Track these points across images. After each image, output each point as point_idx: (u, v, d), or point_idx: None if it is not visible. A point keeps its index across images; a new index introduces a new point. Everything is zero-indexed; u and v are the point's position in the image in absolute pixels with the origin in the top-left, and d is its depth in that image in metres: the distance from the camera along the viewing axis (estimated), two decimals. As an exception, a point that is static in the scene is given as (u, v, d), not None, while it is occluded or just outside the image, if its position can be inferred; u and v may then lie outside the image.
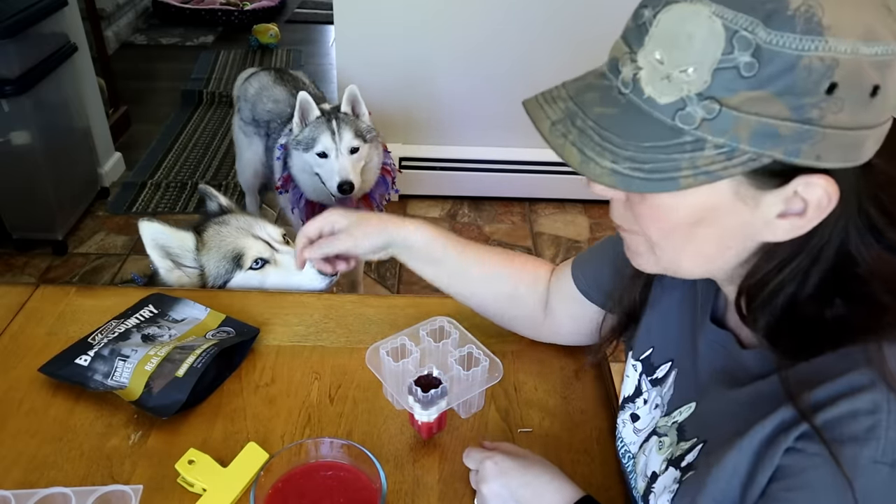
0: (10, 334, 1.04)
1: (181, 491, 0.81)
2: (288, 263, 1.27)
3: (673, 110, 0.51)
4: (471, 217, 2.95)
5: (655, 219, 0.59)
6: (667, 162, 0.52)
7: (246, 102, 2.39)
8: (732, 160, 0.51)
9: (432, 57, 2.74)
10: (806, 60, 0.47)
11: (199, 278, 1.25)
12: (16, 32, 2.27)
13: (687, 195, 0.54)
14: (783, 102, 0.48)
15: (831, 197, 0.52)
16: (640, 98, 0.53)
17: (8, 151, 2.42)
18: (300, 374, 0.99)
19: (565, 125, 0.55)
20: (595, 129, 0.54)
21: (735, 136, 0.50)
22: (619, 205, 0.63)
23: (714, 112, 0.50)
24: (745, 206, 0.55)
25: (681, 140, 0.51)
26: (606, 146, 0.53)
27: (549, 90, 0.59)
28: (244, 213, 1.36)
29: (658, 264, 0.64)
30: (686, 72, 0.50)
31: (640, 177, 0.52)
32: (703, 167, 0.51)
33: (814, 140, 0.49)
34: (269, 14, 5.13)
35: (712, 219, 0.56)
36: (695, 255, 0.61)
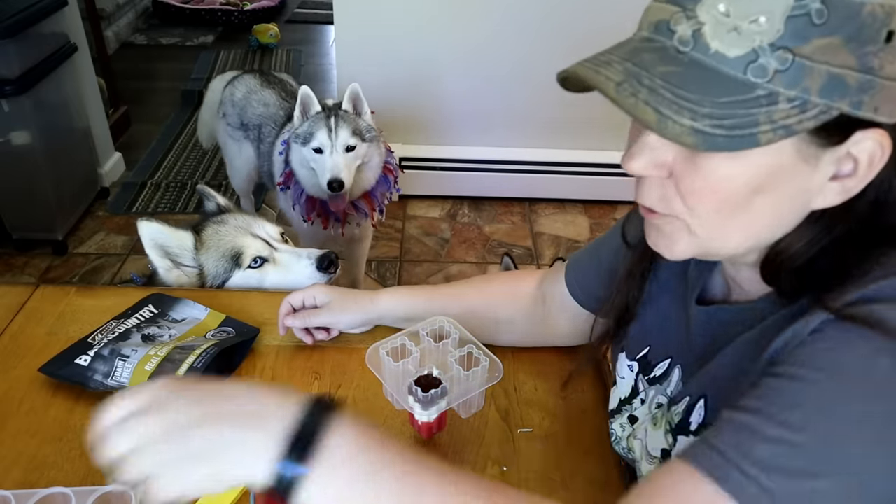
0: (10, 334, 1.04)
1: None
2: (287, 261, 1.27)
3: (744, 63, 0.49)
4: (471, 217, 2.95)
5: (712, 190, 0.55)
6: (745, 117, 0.49)
7: (233, 107, 2.37)
8: (806, 113, 0.49)
9: (432, 57, 2.74)
10: (869, 7, 0.48)
11: (198, 278, 1.25)
12: (16, 32, 2.27)
13: (748, 159, 0.52)
14: (850, 50, 0.48)
15: (885, 149, 0.52)
16: (705, 54, 0.51)
17: (8, 151, 2.42)
18: (300, 374, 0.99)
19: (632, 84, 0.52)
20: (665, 86, 0.51)
21: (807, 88, 0.49)
22: (656, 184, 0.58)
23: (787, 62, 0.49)
24: (805, 167, 0.53)
25: (755, 94, 0.50)
26: (683, 104, 0.50)
27: (592, 57, 0.55)
28: (243, 213, 1.36)
29: (698, 246, 0.60)
30: (757, 21, 0.49)
31: (722, 134, 0.49)
32: (781, 121, 0.49)
33: (874, 90, 0.49)
34: (269, 14, 5.13)
35: (773, 184, 0.54)
36: (747, 228, 0.57)
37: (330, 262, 1.27)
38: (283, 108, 2.23)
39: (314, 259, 1.27)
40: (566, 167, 2.92)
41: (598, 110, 2.84)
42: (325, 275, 1.26)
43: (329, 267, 1.27)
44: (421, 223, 2.91)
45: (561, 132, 2.88)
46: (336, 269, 1.28)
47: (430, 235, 2.84)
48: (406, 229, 2.86)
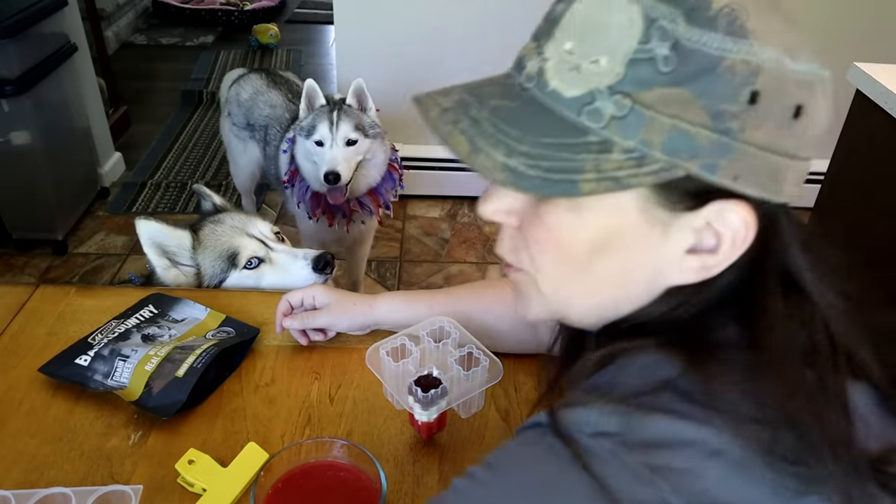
0: (10, 334, 1.04)
1: (181, 491, 0.81)
2: (283, 261, 1.27)
3: (579, 105, 0.46)
4: (471, 217, 2.95)
5: (553, 242, 0.51)
6: (568, 162, 0.45)
7: (239, 107, 2.37)
8: (643, 168, 0.45)
9: (433, 57, 2.74)
10: (728, 62, 0.43)
11: (195, 277, 1.26)
12: (16, 32, 2.27)
13: (587, 212, 0.49)
14: (702, 106, 0.44)
15: (749, 227, 0.47)
16: (543, 92, 0.48)
17: (8, 151, 2.42)
18: (300, 374, 0.99)
19: (457, 113, 0.49)
20: (490, 119, 0.48)
21: (647, 141, 0.44)
22: (510, 234, 0.55)
23: (625, 109, 0.44)
24: (652, 232, 0.48)
25: (586, 140, 0.46)
26: (501, 138, 0.47)
27: (447, 87, 0.53)
28: (239, 212, 1.36)
29: (547, 308, 0.56)
30: (598, 62, 0.45)
31: (537, 175, 0.46)
32: (610, 172, 0.45)
33: (732, 156, 0.45)
34: (269, 14, 5.13)
35: (616, 246, 0.50)
36: (590, 294, 0.53)
37: (326, 262, 1.26)
38: (288, 111, 2.23)
39: (310, 259, 1.26)
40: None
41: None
42: (321, 275, 1.26)
43: (325, 268, 1.26)
44: (421, 223, 2.91)
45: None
46: (332, 270, 1.28)
47: (430, 235, 2.84)
48: (406, 229, 2.86)
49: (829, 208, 1.80)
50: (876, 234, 1.60)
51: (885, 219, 1.57)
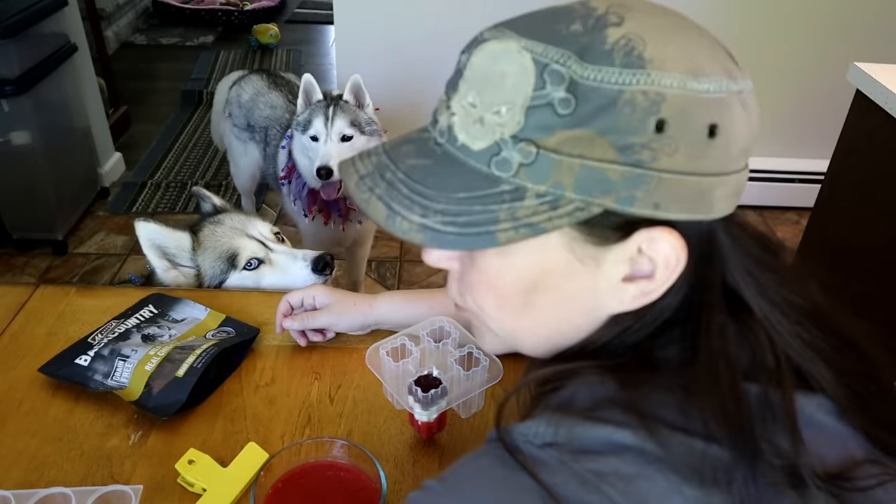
0: (10, 334, 1.04)
1: (181, 491, 0.81)
2: (282, 262, 1.27)
3: (488, 157, 0.46)
4: (471, 217, 2.94)
5: (486, 287, 0.53)
6: (483, 214, 0.46)
7: (240, 108, 2.37)
8: (557, 210, 0.45)
9: (433, 57, 2.74)
10: (628, 94, 0.43)
11: (195, 279, 1.26)
12: (16, 32, 2.27)
13: (515, 256, 0.49)
14: (608, 142, 0.44)
15: (679, 252, 0.47)
16: (454, 146, 0.48)
17: (8, 151, 2.42)
18: (300, 374, 0.99)
19: (373, 179, 0.51)
20: (405, 181, 0.49)
21: (558, 183, 0.45)
22: (455, 277, 0.56)
23: (531, 156, 0.45)
24: (583, 268, 0.49)
25: (499, 189, 0.46)
26: (416, 199, 0.48)
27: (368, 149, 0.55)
28: (238, 213, 1.36)
29: (502, 343, 0.58)
30: (498, 112, 0.46)
31: (454, 231, 0.46)
32: (525, 218, 0.45)
33: (648, 186, 0.44)
34: (269, 14, 5.13)
35: (548, 283, 0.50)
36: (535, 328, 0.54)
37: (325, 263, 1.26)
38: (289, 111, 2.23)
39: (309, 260, 1.26)
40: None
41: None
42: (320, 276, 1.26)
43: (325, 269, 1.26)
44: (421, 223, 2.90)
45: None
46: (331, 271, 1.28)
47: (430, 235, 2.83)
48: (406, 229, 2.86)
49: (829, 208, 1.80)
50: (876, 234, 1.60)
51: (885, 219, 1.57)
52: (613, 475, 0.44)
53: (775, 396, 0.47)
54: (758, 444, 0.45)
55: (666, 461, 0.44)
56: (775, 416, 0.46)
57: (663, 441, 0.44)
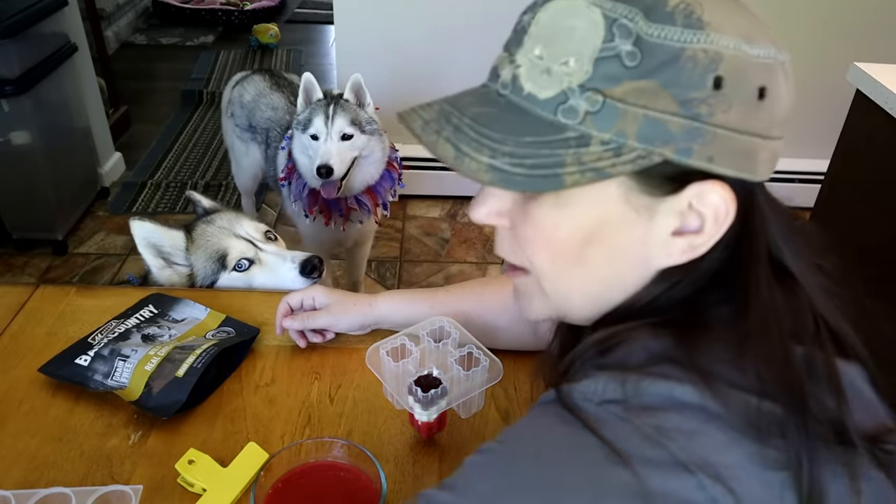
0: (10, 334, 1.04)
1: (181, 491, 0.81)
2: (271, 263, 1.27)
3: (554, 105, 0.49)
4: (471, 217, 2.94)
5: (541, 240, 0.54)
6: (550, 157, 0.48)
7: (242, 109, 2.37)
8: (621, 157, 0.47)
9: (433, 56, 2.74)
10: (689, 52, 0.46)
11: (188, 278, 1.26)
12: (16, 32, 2.27)
13: (573, 206, 0.51)
14: (670, 94, 0.47)
15: (728, 205, 0.49)
16: (519, 96, 0.50)
17: (8, 151, 2.42)
18: (300, 374, 0.99)
19: (439, 123, 0.52)
20: (471, 125, 0.51)
21: (622, 132, 0.47)
22: (506, 235, 0.57)
23: (598, 104, 0.47)
24: (638, 218, 0.51)
25: (564, 136, 0.48)
26: (484, 141, 0.50)
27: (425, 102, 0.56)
28: (229, 212, 1.35)
29: (549, 306, 0.58)
30: (566, 63, 0.48)
31: (522, 173, 0.48)
32: (590, 163, 0.47)
33: (705, 139, 0.47)
34: (269, 14, 5.13)
35: (604, 235, 0.52)
36: (586, 285, 0.55)
37: (313, 266, 1.25)
38: (289, 113, 2.23)
39: (297, 263, 1.26)
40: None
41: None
42: (307, 279, 1.25)
43: (312, 272, 1.26)
44: (421, 223, 2.91)
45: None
46: (320, 275, 1.27)
47: (430, 235, 2.84)
48: (406, 229, 2.86)
49: (829, 208, 1.80)
50: (876, 234, 1.60)
51: (886, 219, 1.57)
52: (674, 430, 0.45)
53: (819, 357, 0.49)
54: (807, 400, 0.46)
55: (724, 417, 0.45)
56: (819, 376, 0.48)
57: (721, 397, 0.46)
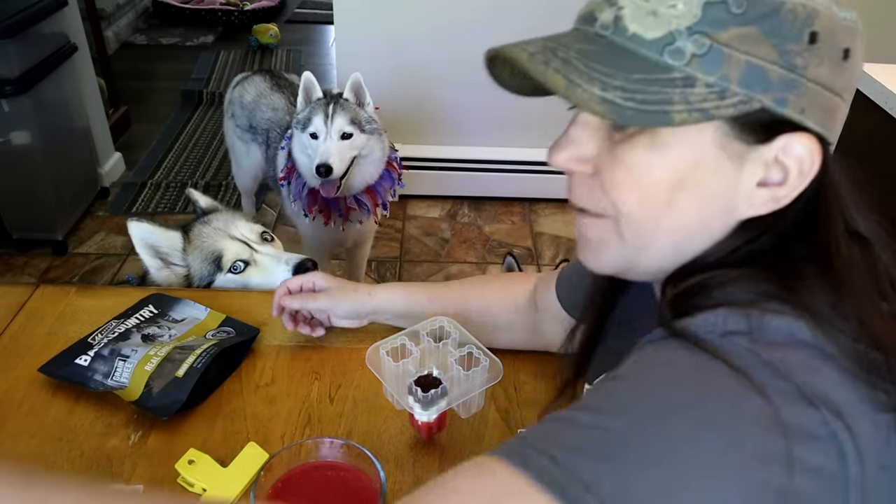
0: (10, 334, 1.04)
1: (181, 491, 0.81)
2: (266, 264, 1.27)
3: (661, 46, 0.50)
4: (471, 217, 2.95)
5: (633, 182, 0.53)
6: (658, 94, 0.49)
7: (242, 109, 2.36)
8: (724, 100, 0.49)
9: (432, 57, 2.74)
10: (790, 5, 0.48)
11: (185, 278, 1.26)
12: (16, 32, 2.27)
13: (668, 149, 0.52)
14: (771, 43, 0.48)
15: (814, 158, 0.51)
16: (623, 36, 0.51)
17: (8, 151, 2.42)
18: (300, 374, 0.99)
19: (545, 55, 0.51)
20: (579, 59, 0.51)
21: (726, 76, 0.49)
22: (584, 180, 0.57)
23: (705, 47, 0.49)
24: (729, 164, 0.52)
25: (671, 76, 0.49)
26: (594, 74, 0.49)
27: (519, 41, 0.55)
28: (226, 212, 1.35)
29: (623, 256, 0.58)
30: (674, 6, 0.49)
31: (632, 107, 0.48)
32: (696, 104, 0.49)
33: (799, 91, 0.49)
34: (269, 14, 5.13)
35: (695, 180, 0.52)
36: (671, 232, 0.55)
37: (307, 269, 1.25)
38: (289, 114, 2.22)
39: (291, 265, 1.26)
40: (566, 167, 2.92)
41: (598, 110, 2.85)
42: None
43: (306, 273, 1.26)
44: (421, 223, 2.91)
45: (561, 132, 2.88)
46: None
47: (430, 235, 2.84)
48: (406, 229, 2.86)
49: (829, 208, 1.80)
50: (876, 234, 1.60)
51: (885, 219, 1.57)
52: (798, 365, 0.46)
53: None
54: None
55: (836, 357, 0.47)
56: None
57: (833, 338, 0.48)
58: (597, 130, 0.55)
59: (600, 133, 0.55)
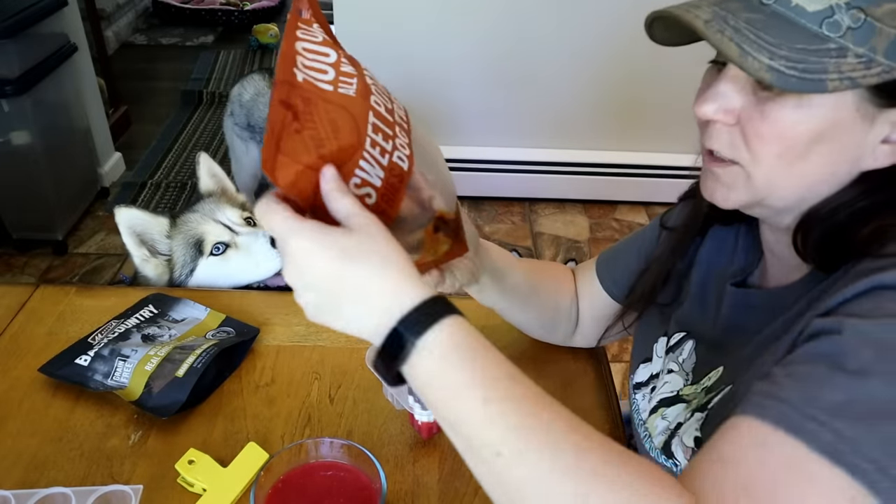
0: (10, 334, 1.04)
1: (181, 491, 0.81)
2: (245, 242, 1.26)
3: (820, 18, 0.55)
4: (471, 217, 2.94)
5: (776, 136, 0.59)
6: (816, 64, 0.54)
7: (241, 108, 2.37)
8: (870, 70, 0.54)
9: (432, 57, 2.74)
10: None
11: (167, 267, 1.26)
12: (16, 32, 2.27)
13: (813, 108, 0.57)
14: None
15: None
16: (786, 7, 0.56)
17: (8, 151, 2.42)
18: (300, 374, 0.99)
19: (718, 23, 0.57)
20: (748, 28, 0.56)
21: (874, 48, 0.54)
22: (724, 130, 0.63)
23: (859, 21, 0.54)
24: (862, 124, 0.57)
25: (826, 46, 0.54)
26: (762, 44, 0.55)
27: (682, 3, 0.60)
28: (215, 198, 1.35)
29: (752, 195, 0.64)
30: None
31: (795, 76, 0.54)
32: (848, 73, 0.54)
33: None
34: (269, 14, 5.13)
35: (832, 136, 0.58)
36: (802, 178, 0.61)
37: None
38: None
39: (269, 236, 1.24)
40: (566, 167, 2.92)
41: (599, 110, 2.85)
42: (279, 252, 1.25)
43: None
44: (421, 223, 2.90)
45: (561, 132, 2.88)
46: None
47: (430, 235, 2.83)
48: (406, 229, 2.86)
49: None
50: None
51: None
52: None
53: None
54: None
55: None
56: None
57: None
58: (744, 86, 0.60)
59: (747, 88, 0.60)
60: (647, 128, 2.86)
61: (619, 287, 0.92)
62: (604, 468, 0.48)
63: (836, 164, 0.60)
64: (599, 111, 2.85)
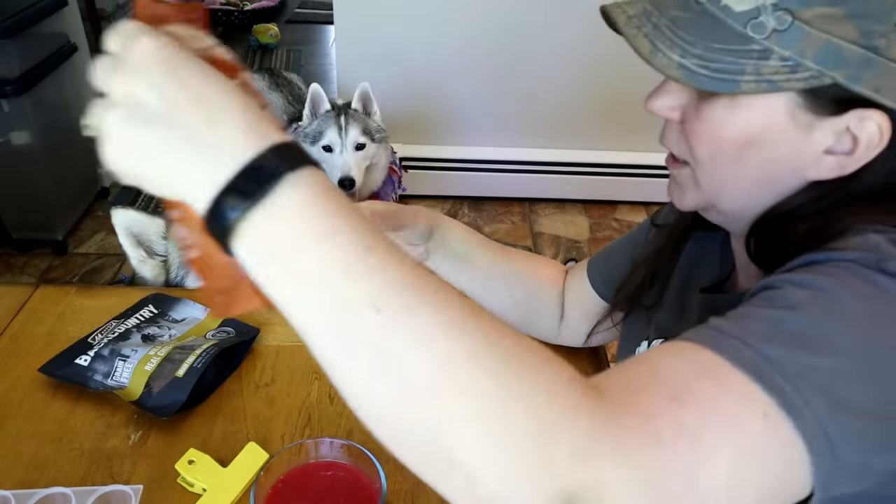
0: (10, 334, 1.04)
1: (181, 491, 0.81)
2: None
3: (746, 18, 0.53)
4: (471, 217, 2.95)
5: (708, 136, 0.59)
6: (732, 65, 0.53)
7: None
8: (795, 74, 0.52)
9: (433, 57, 2.74)
10: None
11: (162, 268, 1.26)
12: (16, 32, 2.27)
13: (743, 111, 0.56)
14: (854, 24, 0.51)
15: (883, 134, 0.53)
16: (716, 6, 0.55)
17: (8, 151, 2.42)
18: (300, 374, 0.99)
19: (640, 20, 0.58)
20: (668, 26, 0.56)
21: (801, 52, 0.52)
22: (674, 127, 0.64)
23: (786, 24, 0.52)
24: (797, 132, 0.56)
25: (749, 47, 0.53)
26: (677, 41, 0.55)
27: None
28: None
29: (700, 196, 0.64)
30: None
31: (706, 74, 0.54)
32: (767, 76, 0.53)
33: (876, 70, 0.51)
34: (269, 14, 5.13)
35: (764, 142, 0.57)
36: (739, 183, 0.61)
37: None
38: (286, 113, 2.23)
39: None
40: (566, 167, 2.92)
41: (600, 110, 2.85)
42: None
43: None
44: (421, 223, 2.91)
45: (561, 132, 2.88)
46: None
47: (430, 235, 2.84)
48: (406, 229, 2.86)
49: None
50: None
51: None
52: None
53: None
54: None
55: None
56: None
57: None
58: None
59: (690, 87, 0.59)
60: (647, 128, 2.85)
61: (608, 286, 0.92)
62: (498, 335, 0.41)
63: (773, 172, 0.59)
64: (600, 111, 2.85)
